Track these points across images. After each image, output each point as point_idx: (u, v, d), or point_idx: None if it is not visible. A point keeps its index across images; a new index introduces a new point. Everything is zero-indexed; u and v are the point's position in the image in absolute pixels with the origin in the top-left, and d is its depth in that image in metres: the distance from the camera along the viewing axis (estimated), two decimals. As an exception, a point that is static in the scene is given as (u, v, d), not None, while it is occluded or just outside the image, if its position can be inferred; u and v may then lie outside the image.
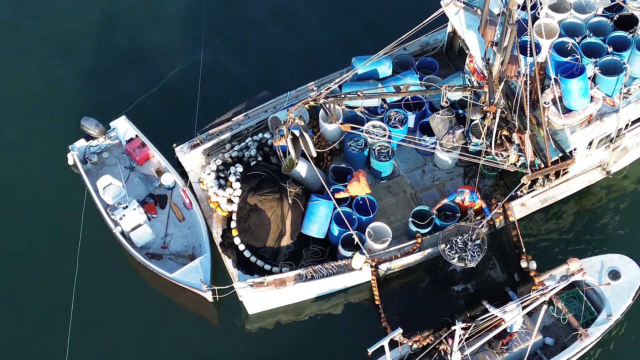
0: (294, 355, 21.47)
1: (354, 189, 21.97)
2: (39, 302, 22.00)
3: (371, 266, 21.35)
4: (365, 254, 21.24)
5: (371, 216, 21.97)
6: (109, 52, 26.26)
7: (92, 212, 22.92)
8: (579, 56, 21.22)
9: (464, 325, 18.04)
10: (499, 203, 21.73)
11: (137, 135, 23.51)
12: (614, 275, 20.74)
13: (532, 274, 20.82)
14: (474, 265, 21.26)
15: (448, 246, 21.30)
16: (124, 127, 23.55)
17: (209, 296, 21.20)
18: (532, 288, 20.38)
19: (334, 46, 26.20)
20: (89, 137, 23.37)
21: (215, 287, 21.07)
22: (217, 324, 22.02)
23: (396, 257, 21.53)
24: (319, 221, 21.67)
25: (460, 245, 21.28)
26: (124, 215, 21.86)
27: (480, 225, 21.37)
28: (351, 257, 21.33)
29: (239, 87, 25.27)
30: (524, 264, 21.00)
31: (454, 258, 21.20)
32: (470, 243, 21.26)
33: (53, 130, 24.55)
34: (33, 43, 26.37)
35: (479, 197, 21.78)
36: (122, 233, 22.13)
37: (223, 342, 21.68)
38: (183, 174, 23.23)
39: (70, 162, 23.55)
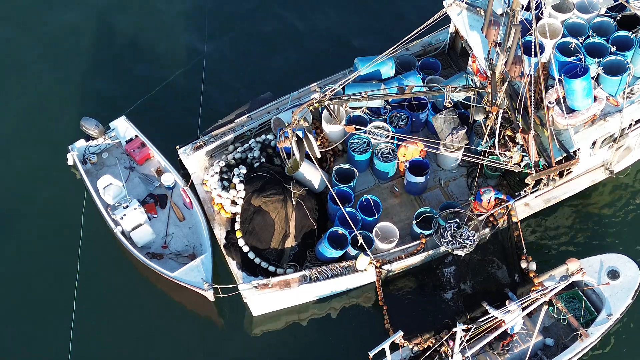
0: (296, 356, 22.42)
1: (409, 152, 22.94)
2: (41, 302, 22.95)
3: (376, 267, 22.22)
4: (369, 255, 21.99)
5: (376, 217, 22.86)
6: (110, 52, 27.02)
7: (92, 212, 23.70)
8: (582, 56, 22.03)
9: (464, 327, 18.70)
10: (502, 203, 22.34)
11: (136, 136, 24.29)
12: (613, 275, 21.67)
13: (531, 275, 21.70)
14: (462, 255, 21.86)
15: (441, 229, 21.92)
16: (123, 128, 24.39)
17: (210, 295, 22.05)
18: (532, 289, 21.25)
19: (336, 47, 26.96)
20: (88, 138, 24.25)
21: (217, 286, 21.86)
22: (221, 324, 22.96)
23: (400, 258, 22.37)
24: None
25: (452, 231, 21.92)
26: (124, 215, 22.78)
27: (481, 220, 21.99)
28: (356, 258, 22.14)
29: (241, 89, 26.08)
30: (523, 265, 21.84)
31: (444, 242, 21.82)
32: (463, 230, 21.95)
33: (53, 131, 25.31)
34: (33, 43, 27.05)
35: (501, 193, 22.54)
36: (123, 233, 23.03)
37: (227, 342, 22.61)
38: (186, 176, 23.99)
39: (70, 163, 24.45)
